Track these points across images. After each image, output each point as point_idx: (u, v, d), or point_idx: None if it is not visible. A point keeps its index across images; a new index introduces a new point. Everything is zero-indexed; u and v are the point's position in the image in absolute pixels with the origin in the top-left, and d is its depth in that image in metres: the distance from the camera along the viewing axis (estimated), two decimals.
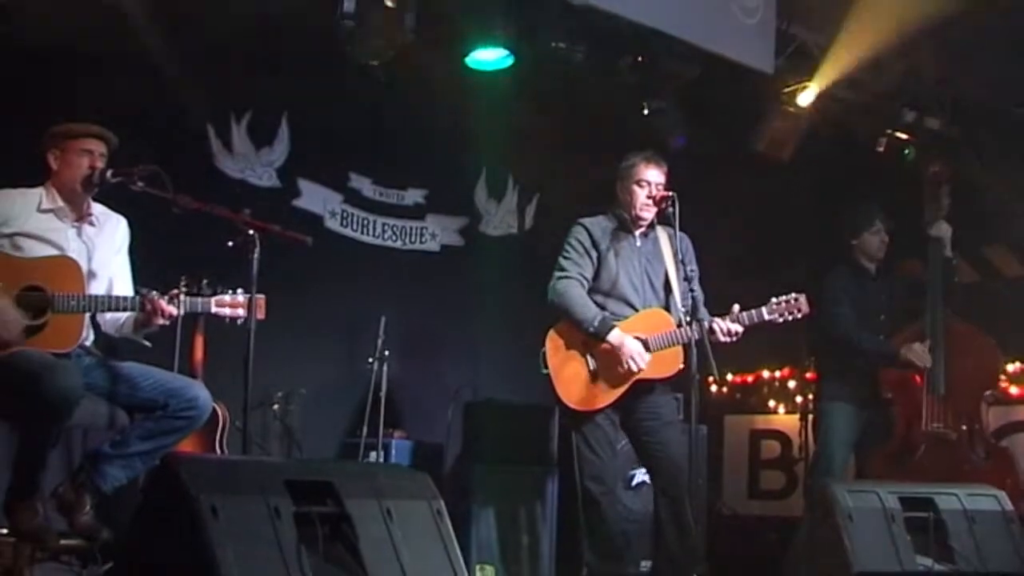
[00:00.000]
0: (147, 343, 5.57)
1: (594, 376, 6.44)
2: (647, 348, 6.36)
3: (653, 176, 6.54)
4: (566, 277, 6.55)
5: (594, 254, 6.60)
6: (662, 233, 6.60)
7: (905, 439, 7.27)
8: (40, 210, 5.29)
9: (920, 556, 5.39)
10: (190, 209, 5.17)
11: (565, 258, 6.61)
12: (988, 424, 7.63)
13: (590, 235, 6.62)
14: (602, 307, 6.51)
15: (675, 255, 6.49)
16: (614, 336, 6.34)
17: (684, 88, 8.08)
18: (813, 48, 8.20)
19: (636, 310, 6.55)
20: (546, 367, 6.51)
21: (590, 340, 6.43)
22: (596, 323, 6.38)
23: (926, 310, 7.31)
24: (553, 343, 6.54)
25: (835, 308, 7.27)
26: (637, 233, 6.65)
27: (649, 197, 6.52)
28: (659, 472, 6.54)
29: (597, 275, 6.60)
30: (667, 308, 6.54)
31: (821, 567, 5.39)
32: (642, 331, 6.41)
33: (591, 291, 6.58)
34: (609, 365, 6.41)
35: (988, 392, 7.51)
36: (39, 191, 5.34)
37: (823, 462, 7.27)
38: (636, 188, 6.55)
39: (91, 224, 5.44)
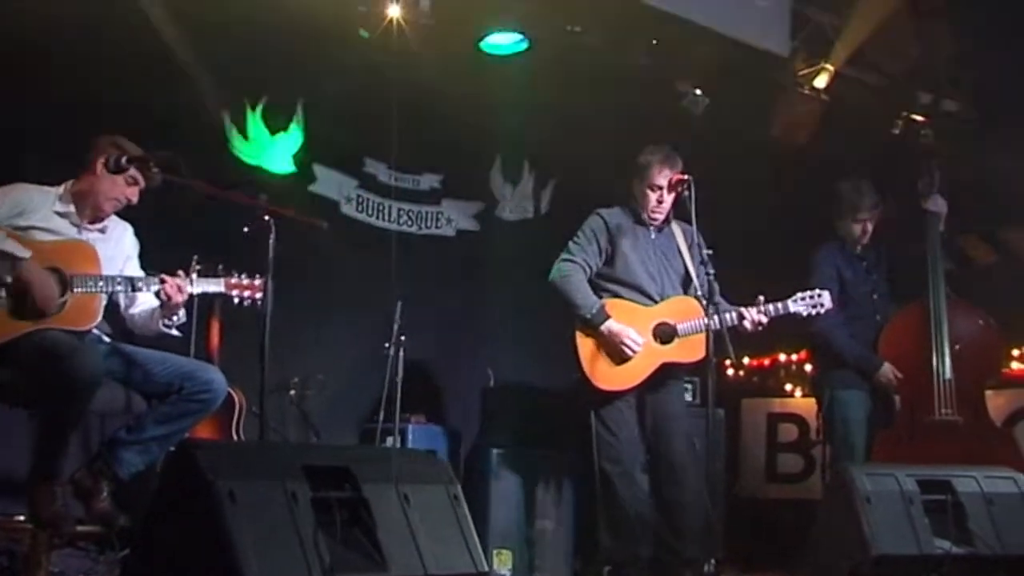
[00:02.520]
0: (176, 332, 5.60)
1: (623, 360, 6.54)
2: (676, 334, 6.49)
3: (664, 180, 6.63)
4: (570, 261, 6.69)
5: (605, 243, 6.72)
6: (676, 228, 6.67)
7: (909, 424, 7.23)
8: (55, 211, 5.31)
9: (938, 539, 5.38)
10: (206, 195, 5.17)
11: (575, 243, 6.74)
12: (998, 409, 7.63)
13: (605, 225, 6.74)
14: (617, 295, 6.63)
15: (688, 242, 6.63)
16: (606, 327, 6.50)
17: (702, 72, 8.07)
18: (829, 30, 8.17)
19: (653, 300, 6.65)
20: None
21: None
22: (593, 312, 6.53)
23: (926, 288, 7.28)
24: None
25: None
26: (652, 227, 6.77)
27: (659, 201, 6.65)
28: (660, 460, 6.67)
29: (612, 264, 6.71)
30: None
31: (839, 550, 5.38)
32: (671, 318, 6.55)
33: (606, 279, 6.71)
34: (613, 352, 6.55)
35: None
36: (55, 192, 5.36)
37: (846, 451, 7.20)
38: (648, 192, 6.68)
39: (101, 232, 5.47)
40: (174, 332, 5.60)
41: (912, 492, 5.43)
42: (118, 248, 5.56)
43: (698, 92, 8.21)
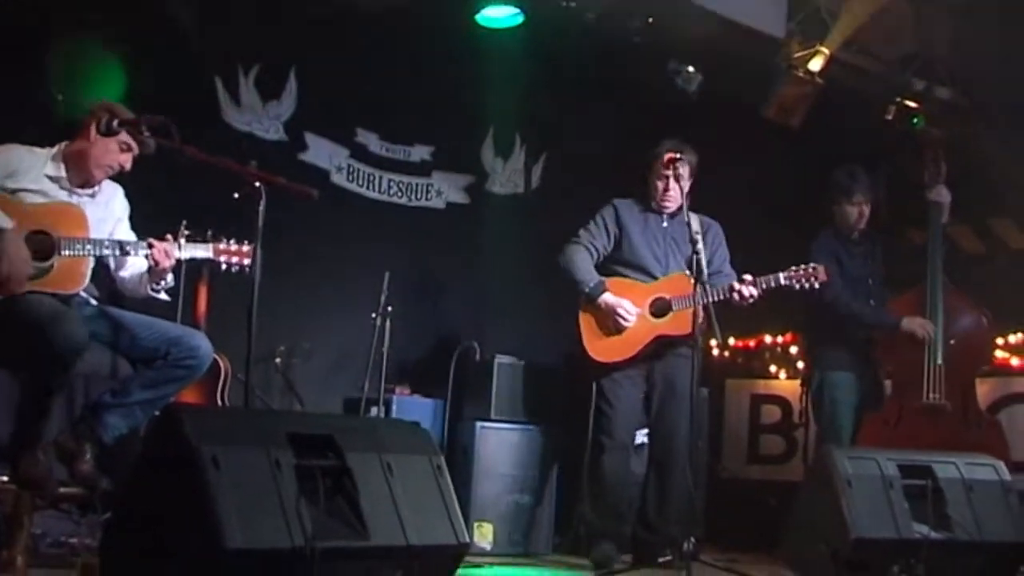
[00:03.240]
0: (167, 297, 5.60)
1: (619, 331, 6.82)
2: (670, 308, 6.77)
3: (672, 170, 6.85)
4: (576, 243, 7.00)
5: (613, 228, 7.03)
6: (695, 219, 6.76)
7: (898, 408, 7.28)
8: (45, 174, 5.29)
9: (917, 523, 5.40)
10: (197, 160, 5.15)
11: (584, 228, 7.05)
12: (983, 395, 7.67)
13: (616, 213, 7.06)
14: (622, 275, 6.94)
15: (703, 232, 6.74)
16: (603, 299, 6.81)
17: (696, 51, 8.06)
18: (825, 13, 8.16)
19: (657, 279, 6.92)
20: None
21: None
22: (591, 286, 6.83)
23: (925, 276, 7.31)
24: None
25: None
26: (665, 214, 7.01)
27: (666, 189, 6.90)
28: (658, 439, 6.98)
29: (620, 248, 7.01)
30: None
31: (819, 532, 5.40)
32: (666, 292, 6.82)
33: (614, 262, 7.02)
34: (610, 324, 6.83)
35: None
36: (46, 154, 5.34)
37: (832, 434, 7.24)
38: (658, 183, 6.95)
39: (91, 196, 5.45)
40: (163, 296, 5.60)
41: (893, 476, 5.45)
42: (108, 210, 5.55)
43: (691, 69, 8.20)
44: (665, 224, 7.01)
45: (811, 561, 5.50)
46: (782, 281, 6.70)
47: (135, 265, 5.54)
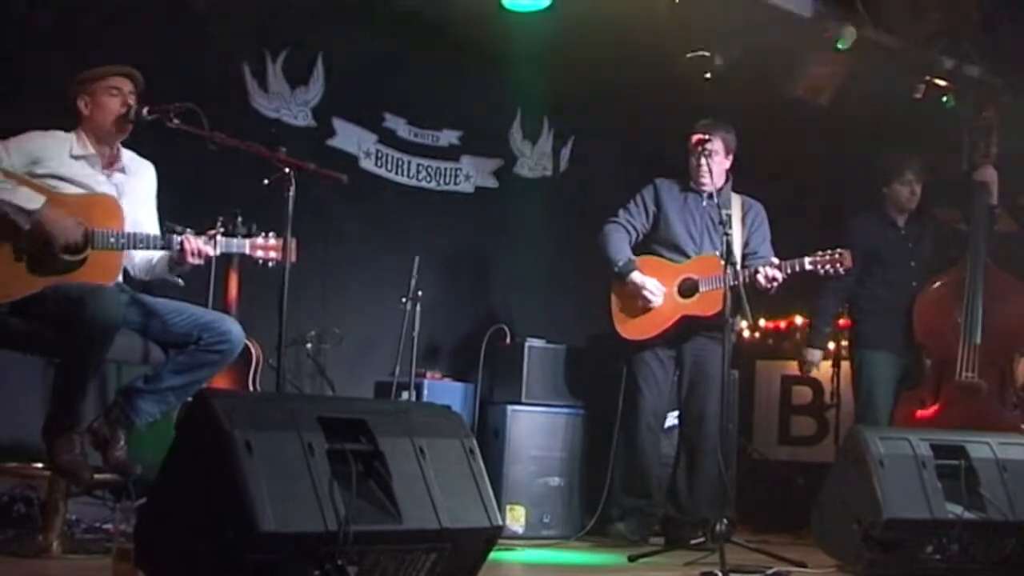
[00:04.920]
0: (180, 281, 5.59)
1: (646, 310, 6.95)
2: (697, 289, 6.86)
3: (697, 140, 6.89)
4: (614, 221, 7.15)
5: (652, 206, 7.16)
6: (736, 200, 6.94)
7: (936, 386, 7.25)
8: (72, 155, 5.28)
9: (951, 503, 5.38)
10: (226, 146, 5.17)
11: (623, 207, 7.17)
12: (1020, 376, 7.61)
13: (656, 192, 7.19)
14: (657, 254, 7.07)
15: (743, 213, 7.03)
16: (631, 278, 6.94)
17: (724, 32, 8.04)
18: None
19: (689, 259, 7.02)
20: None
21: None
22: (620, 264, 6.98)
23: (966, 255, 7.27)
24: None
25: None
26: (704, 193, 7.05)
27: (698, 164, 6.93)
28: (688, 421, 7.08)
29: (657, 227, 7.14)
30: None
31: (850, 512, 5.40)
32: (695, 273, 6.92)
33: (651, 240, 7.15)
34: (638, 302, 6.96)
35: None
36: (70, 136, 5.33)
37: (869, 412, 7.24)
38: (693, 162, 7.01)
39: (121, 171, 5.44)
40: (177, 281, 5.57)
41: (926, 456, 5.43)
42: (143, 184, 5.56)
43: (706, 53, 8.16)
44: (704, 204, 7.06)
45: (843, 541, 5.50)
46: (807, 266, 6.70)
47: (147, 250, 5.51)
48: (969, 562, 5.42)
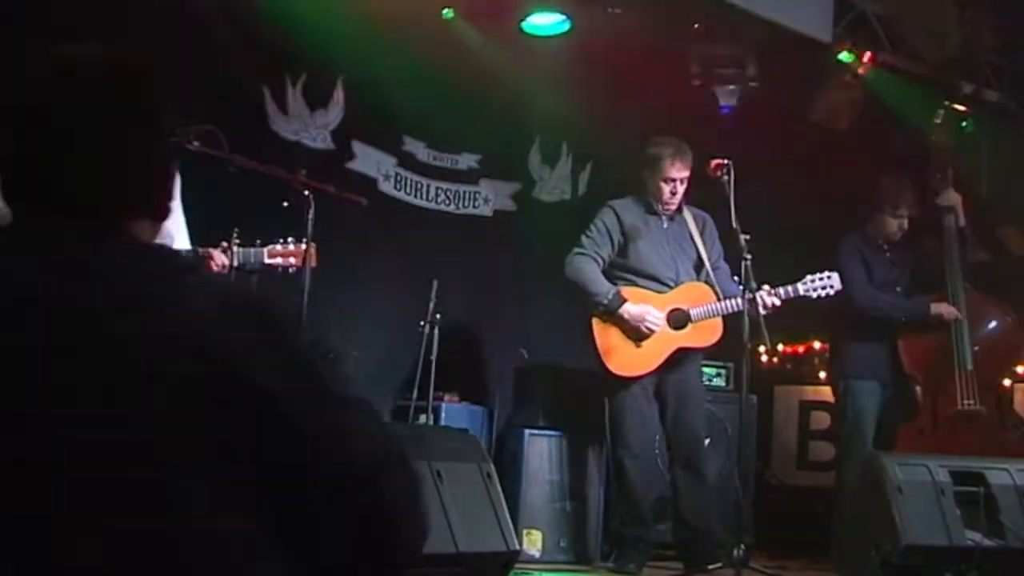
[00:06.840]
0: None
1: (637, 344, 6.73)
2: (689, 319, 6.68)
3: (678, 173, 6.81)
4: (582, 253, 6.92)
5: (617, 236, 6.93)
6: (687, 213, 6.87)
7: (932, 416, 7.19)
8: None
9: (969, 531, 5.37)
10: (246, 169, 5.19)
11: (587, 236, 6.95)
12: (1020, 403, 7.60)
13: (617, 217, 6.95)
14: (633, 284, 6.84)
15: (699, 227, 6.91)
16: (624, 309, 6.70)
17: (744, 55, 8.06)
18: (872, 17, 8.13)
19: (668, 287, 6.84)
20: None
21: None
22: (609, 297, 6.73)
23: (945, 281, 7.23)
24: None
25: (850, 275, 7.13)
26: (664, 216, 6.94)
27: (672, 193, 6.82)
28: (678, 442, 6.91)
29: (626, 255, 6.92)
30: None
31: (869, 538, 5.39)
32: (684, 303, 6.75)
33: (621, 269, 6.93)
34: (633, 335, 6.74)
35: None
36: None
37: (858, 444, 7.14)
38: (662, 184, 6.84)
39: None
40: None
41: (944, 483, 5.43)
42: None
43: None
44: (666, 225, 6.96)
45: (861, 568, 5.49)
46: (800, 292, 6.68)
47: None
48: None
